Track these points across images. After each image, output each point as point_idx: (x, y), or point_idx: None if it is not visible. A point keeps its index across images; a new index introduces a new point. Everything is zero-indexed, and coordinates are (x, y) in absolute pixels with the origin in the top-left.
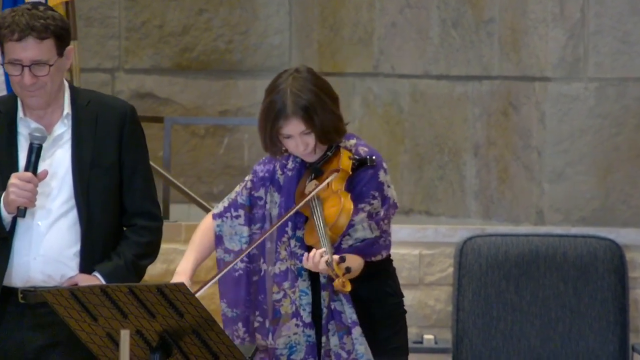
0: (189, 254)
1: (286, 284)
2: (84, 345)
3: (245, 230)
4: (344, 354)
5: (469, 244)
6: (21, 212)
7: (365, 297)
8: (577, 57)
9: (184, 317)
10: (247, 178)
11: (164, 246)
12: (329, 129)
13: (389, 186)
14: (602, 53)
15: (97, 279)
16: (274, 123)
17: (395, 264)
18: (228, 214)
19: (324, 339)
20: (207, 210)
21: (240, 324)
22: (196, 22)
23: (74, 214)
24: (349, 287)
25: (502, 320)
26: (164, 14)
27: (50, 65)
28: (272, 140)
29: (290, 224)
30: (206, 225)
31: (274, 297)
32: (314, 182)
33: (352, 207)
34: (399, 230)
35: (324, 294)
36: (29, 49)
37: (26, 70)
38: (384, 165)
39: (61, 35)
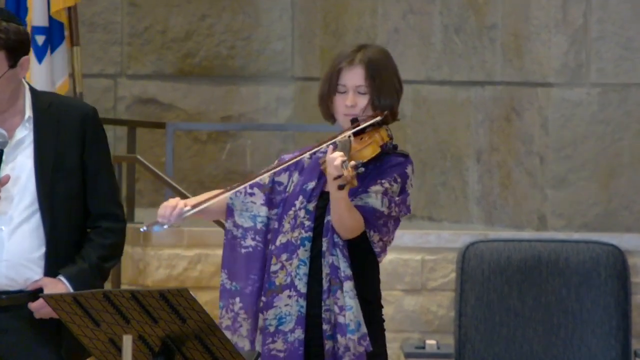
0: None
1: (284, 256)
2: (49, 349)
3: (263, 210)
4: (337, 309)
5: (472, 249)
6: None
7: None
8: (580, 63)
9: (186, 322)
10: (274, 165)
11: (166, 251)
12: (385, 94)
13: (411, 185)
14: (605, 59)
15: (61, 282)
16: (336, 69)
17: (397, 269)
18: (242, 189)
19: (328, 300)
20: None
21: (237, 299)
22: (199, 27)
23: (37, 218)
24: (356, 182)
25: (504, 325)
26: (167, 20)
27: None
28: (328, 93)
29: (300, 197)
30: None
31: (271, 268)
32: (348, 129)
33: (379, 149)
34: (402, 236)
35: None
36: None
37: None
38: (413, 166)
39: (13, 47)
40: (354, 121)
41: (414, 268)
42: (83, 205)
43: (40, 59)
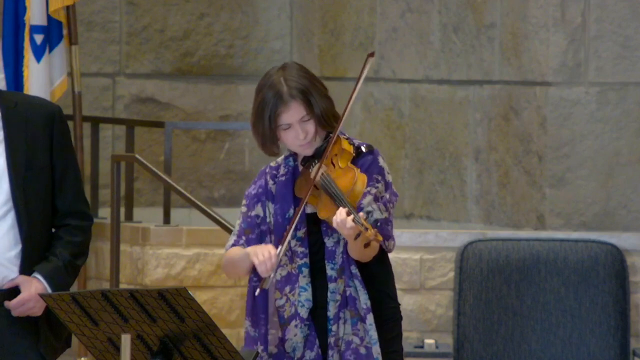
0: (242, 250)
1: (287, 289)
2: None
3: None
4: (357, 340)
5: (470, 248)
6: None
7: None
8: (578, 62)
9: (185, 321)
10: (241, 208)
11: (165, 250)
12: (327, 112)
13: (388, 173)
14: (603, 58)
15: (37, 280)
16: (272, 113)
17: (396, 268)
18: (241, 241)
19: (334, 327)
20: (208, 215)
21: (258, 343)
22: (197, 26)
23: (11, 217)
24: (380, 237)
25: (503, 324)
26: (165, 19)
27: None
28: (270, 136)
29: (286, 227)
30: (232, 249)
31: (277, 303)
32: (317, 166)
33: (365, 177)
34: (400, 235)
35: (337, 284)
36: None
37: None
38: (381, 154)
39: None
40: (317, 156)
41: (412, 267)
42: (52, 203)
43: (38, 58)
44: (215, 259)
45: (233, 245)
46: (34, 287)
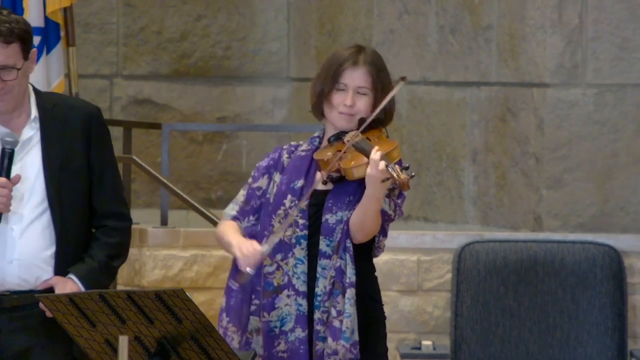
0: (234, 233)
1: (279, 256)
2: (61, 348)
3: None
4: (334, 312)
5: (467, 250)
6: None
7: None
8: (576, 63)
9: (182, 323)
10: (249, 179)
11: (162, 252)
12: (384, 93)
13: None
14: (601, 59)
15: (72, 281)
16: (338, 68)
17: (393, 270)
18: (238, 215)
19: (327, 303)
20: (205, 217)
21: (224, 315)
22: (194, 28)
23: (47, 217)
24: (409, 186)
25: (500, 326)
26: (162, 20)
27: (18, 69)
28: (326, 93)
29: (289, 196)
30: (229, 223)
31: (265, 269)
32: (353, 132)
33: (400, 153)
34: (397, 237)
35: (332, 260)
36: None
37: None
38: None
39: (25, 38)
40: (362, 122)
41: (409, 269)
42: (89, 204)
43: (36, 59)
44: (213, 260)
45: (232, 218)
46: (69, 288)
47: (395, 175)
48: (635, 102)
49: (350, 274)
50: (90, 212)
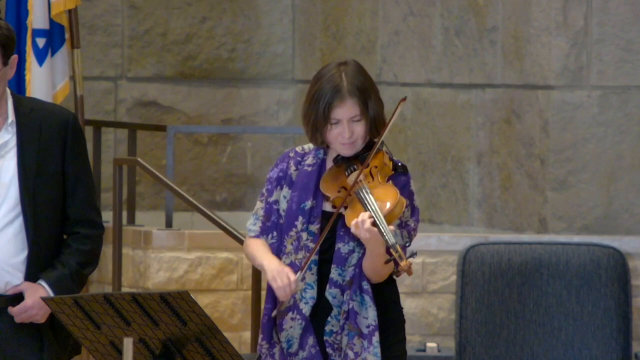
0: (266, 254)
1: None
2: (30, 354)
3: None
4: (351, 354)
5: (472, 252)
6: None
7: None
8: (580, 65)
9: (187, 325)
10: (263, 190)
11: (167, 254)
12: (378, 117)
13: (415, 198)
14: (605, 61)
15: (42, 287)
16: (326, 105)
17: None
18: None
19: (335, 330)
20: (210, 219)
21: (260, 334)
22: (199, 30)
23: (19, 222)
24: (411, 271)
25: (505, 328)
26: (167, 22)
27: None
28: (317, 127)
29: (300, 217)
30: (257, 242)
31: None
32: (356, 172)
33: (405, 202)
34: None
35: (340, 293)
36: None
37: None
38: (411, 178)
39: (6, 44)
40: (353, 159)
41: (414, 271)
42: (62, 210)
43: (40, 61)
44: (218, 262)
45: (256, 235)
46: (38, 294)
47: (397, 256)
48: None
49: (373, 317)
50: (63, 218)
